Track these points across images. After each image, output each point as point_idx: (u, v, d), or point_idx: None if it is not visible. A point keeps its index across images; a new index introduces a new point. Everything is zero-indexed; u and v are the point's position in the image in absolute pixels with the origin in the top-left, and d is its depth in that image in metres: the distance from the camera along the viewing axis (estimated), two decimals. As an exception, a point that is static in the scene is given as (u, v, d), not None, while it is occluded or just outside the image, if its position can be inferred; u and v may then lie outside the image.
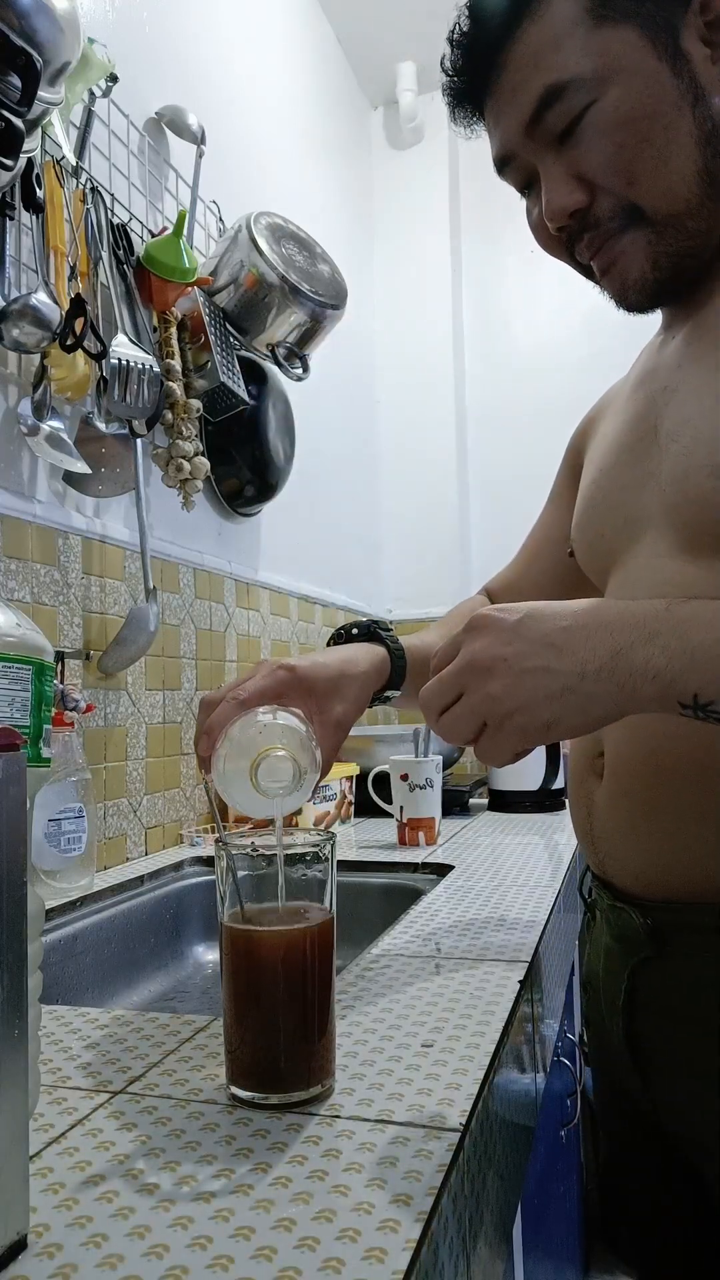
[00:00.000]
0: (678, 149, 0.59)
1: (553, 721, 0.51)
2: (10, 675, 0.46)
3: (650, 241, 0.62)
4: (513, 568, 1.03)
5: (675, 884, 0.60)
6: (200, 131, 1.46)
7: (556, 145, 0.62)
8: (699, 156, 0.60)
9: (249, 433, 1.61)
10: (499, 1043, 0.58)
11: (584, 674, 0.50)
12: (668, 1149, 0.67)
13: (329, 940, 0.52)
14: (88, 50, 1.10)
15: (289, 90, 2.11)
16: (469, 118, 0.68)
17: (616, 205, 0.61)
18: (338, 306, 1.53)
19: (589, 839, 0.69)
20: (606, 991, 0.69)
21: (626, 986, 0.65)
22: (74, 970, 0.96)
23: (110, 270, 1.19)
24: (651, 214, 0.61)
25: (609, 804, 0.65)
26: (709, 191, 0.60)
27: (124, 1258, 0.36)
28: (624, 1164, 0.74)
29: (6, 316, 0.98)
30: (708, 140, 0.60)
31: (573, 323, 2.56)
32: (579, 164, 0.61)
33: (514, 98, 0.62)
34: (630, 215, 0.61)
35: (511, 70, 0.62)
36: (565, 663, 0.51)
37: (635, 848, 0.63)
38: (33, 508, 1.10)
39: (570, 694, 0.50)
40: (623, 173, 0.60)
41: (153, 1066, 0.55)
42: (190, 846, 1.36)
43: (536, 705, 0.51)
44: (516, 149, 0.64)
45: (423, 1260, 0.37)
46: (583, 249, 0.65)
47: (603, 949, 0.71)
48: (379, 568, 2.58)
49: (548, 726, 0.51)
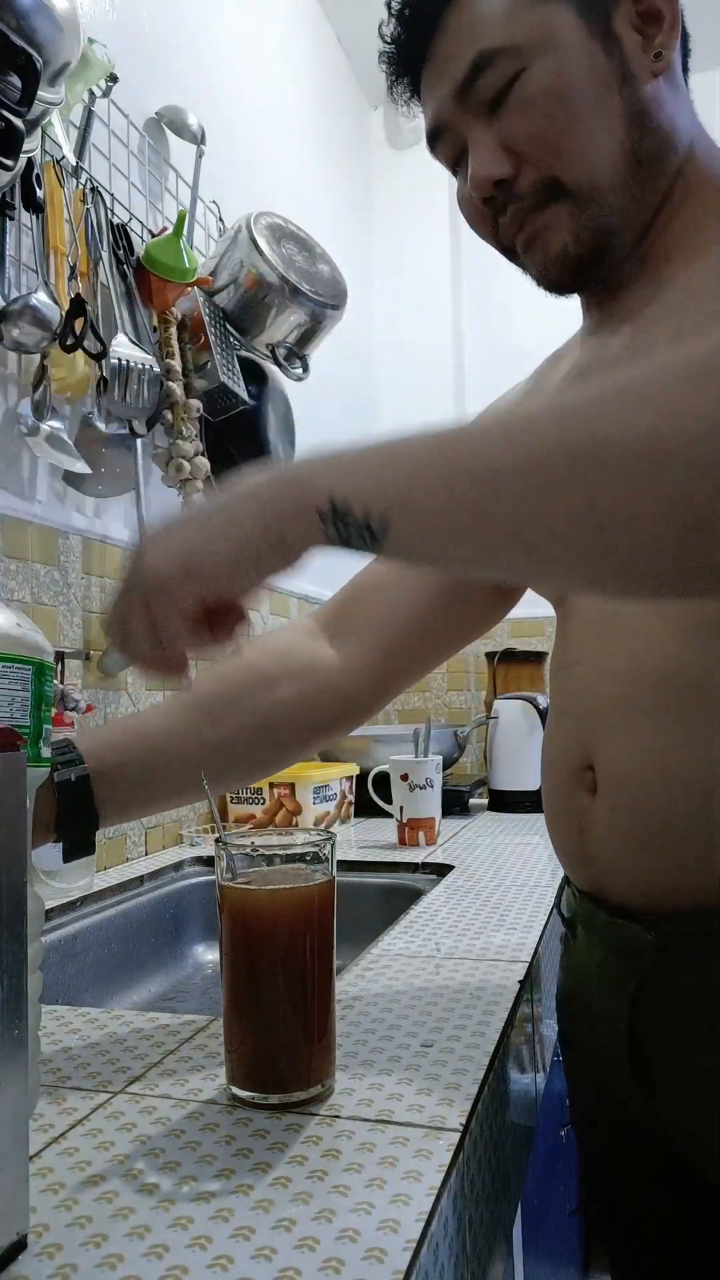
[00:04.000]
0: (604, 125, 0.60)
1: (193, 550, 0.48)
2: (10, 675, 0.46)
3: (571, 214, 0.62)
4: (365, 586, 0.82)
5: (684, 895, 0.59)
6: (200, 131, 1.46)
7: (486, 114, 0.62)
8: (625, 136, 0.61)
9: (249, 433, 1.61)
10: (499, 1043, 0.58)
11: (230, 502, 0.49)
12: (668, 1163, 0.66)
13: (329, 904, 0.52)
14: (88, 50, 1.10)
15: (289, 90, 2.10)
16: (405, 92, 0.68)
17: (539, 179, 0.62)
18: (338, 306, 1.53)
19: (580, 857, 0.67)
20: (601, 1008, 0.68)
21: (631, 1001, 0.64)
22: (74, 970, 0.96)
23: (110, 270, 1.19)
24: (574, 188, 0.61)
25: (609, 820, 0.63)
26: (633, 171, 0.61)
27: (124, 1258, 0.36)
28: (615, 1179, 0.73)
29: (6, 316, 0.98)
30: (634, 121, 0.61)
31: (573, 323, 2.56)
32: (506, 134, 0.62)
33: (447, 65, 0.63)
34: (552, 190, 0.62)
35: (447, 37, 0.63)
36: (214, 502, 0.50)
37: (642, 863, 0.61)
38: (33, 508, 1.10)
39: (211, 520, 0.49)
40: (549, 144, 0.61)
41: (153, 1066, 0.55)
42: (190, 846, 1.36)
43: (174, 542, 0.49)
44: (448, 119, 0.65)
45: (423, 1260, 0.37)
46: (506, 225, 0.65)
47: (594, 965, 0.69)
48: (379, 568, 2.58)
49: (187, 559, 0.48)
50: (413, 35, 0.65)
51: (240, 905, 0.51)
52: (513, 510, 0.41)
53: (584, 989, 0.71)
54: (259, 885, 0.52)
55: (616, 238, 0.63)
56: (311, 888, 0.52)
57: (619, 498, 0.38)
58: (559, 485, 0.40)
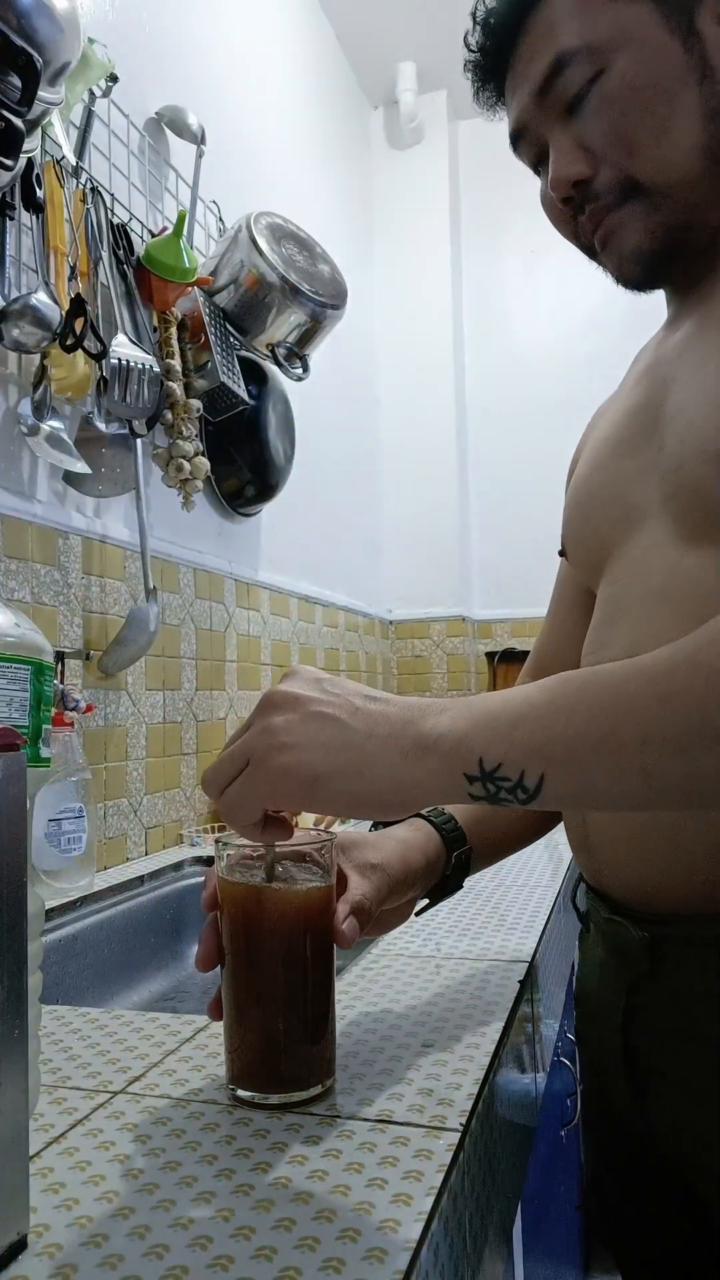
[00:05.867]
0: (680, 122, 0.60)
1: (322, 774, 0.46)
2: (9, 675, 0.46)
3: (647, 213, 0.62)
4: (545, 637, 0.86)
5: (675, 896, 0.59)
6: (200, 131, 1.46)
7: (565, 115, 0.63)
8: (702, 132, 0.61)
9: (249, 433, 1.61)
10: (499, 1043, 0.57)
11: (371, 735, 0.46)
12: (661, 1167, 0.66)
13: (329, 904, 0.52)
14: (88, 50, 1.10)
15: (289, 90, 2.10)
16: (491, 97, 0.69)
17: (615, 178, 0.62)
18: (338, 306, 1.53)
19: (584, 848, 0.67)
20: (601, 1007, 0.68)
21: (624, 1003, 0.64)
22: (74, 970, 0.96)
23: (110, 270, 1.19)
24: (649, 186, 0.61)
25: (609, 813, 0.64)
26: (710, 168, 0.61)
27: (124, 1258, 0.36)
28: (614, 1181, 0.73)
29: (6, 316, 0.98)
30: (712, 117, 0.60)
31: (573, 323, 2.56)
32: (584, 134, 0.63)
33: (527, 68, 0.64)
34: (628, 189, 0.62)
35: (528, 41, 0.64)
36: (358, 721, 0.47)
37: (634, 858, 0.62)
38: (33, 508, 1.10)
39: (350, 750, 0.46)
40: (623, 143, 0.61)
41: (153, 1066, 0.55)
42: (190, 846, 1.36)
43: (312, 748, 0.46)
44: (528, 120, 0.66)
45: (423, 1260, 0.37)
46: (584, 224, 0.66)
47: (597, 962, 0.69)
48: (379, 568, 2.58)
49: (314, 780, 0.46)
50: (497, 42, 0.66)
51: (241, 905, 0.51)
52: (685, 768, 0.42)
53: (589, 987, 0.71)
54: (259, 885, 0.51)
55: (693, 234, 0.63)
56: (312, 888, 0.52)
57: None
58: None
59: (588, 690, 0.44)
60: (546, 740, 0.43)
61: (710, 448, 0.57)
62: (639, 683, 0.43)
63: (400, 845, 0.64)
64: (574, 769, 0.43)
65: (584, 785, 0.44)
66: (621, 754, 0.42)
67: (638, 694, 0.43)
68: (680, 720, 0.41)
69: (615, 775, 0.43)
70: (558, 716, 0.44)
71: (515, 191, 0.73)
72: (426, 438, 2.62)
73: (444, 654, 2.57)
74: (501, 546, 2.64)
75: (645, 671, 0.43)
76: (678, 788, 0.42)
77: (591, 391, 0.90)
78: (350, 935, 0.53)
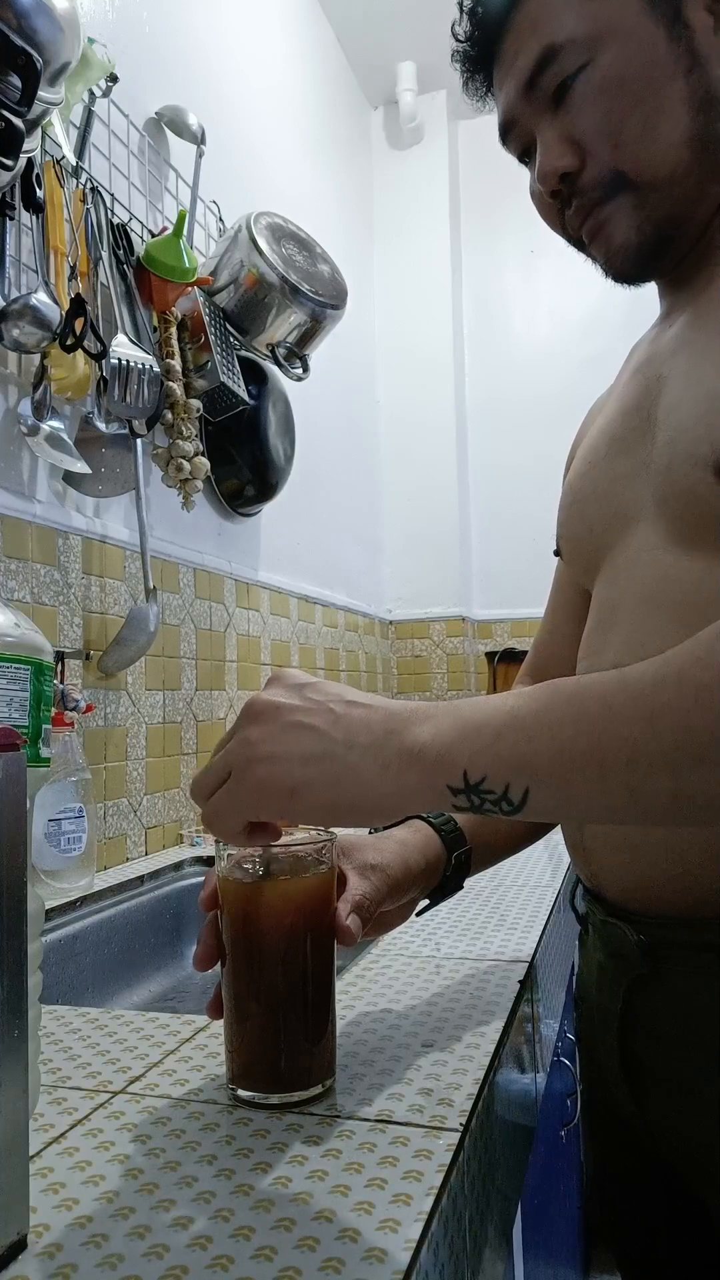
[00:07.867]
0: (667, 114, 0.60)
1: (300, 786, 0.45)
2: (9, 675, 0.46)
3: (635, 206, 0.62)
4: (544, 636, 0.86)
5: (671, 899, 0.59)
6: (200, 131, 1.46)
7: (552, 108, 0.63)
8: (690, 123, 0.60)
9: (249, 433, 1.61)
10: (499, 1043, 0.57)
11: (351, 744, 0.45)
12: (660, 1168, 0.66)
13: (329, 904, 0.52)
14: (88, 50, 1.10)
15: (289, 90, 2.10)
16: (480, 87, 0.69)
17: (602, 171, 0.62)
18: (338, 306, 1.53)
19: (580, 850, 0.67)
20: (600, 1009, 0.68)
21: (621, 1006, 0.64)
22: (74, 970, 0.96)
23: (110, 270, 1.19)
24: (636, 179, 0.61)
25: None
26: (699, 158, 0.61)
27: (124, 1258, 0.36)
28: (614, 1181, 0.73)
29: (6, 316, 0.98)
30: (700, 108, 0.60)
31: (573, 322, 2.56)
32: (571, 127, 0.62)
33: (515, 61, 0.64)
34: (615, 182, 0.62)
35: (515, 34, 0.63)
36: (339, 730, 0.46)
37: (631, 861, 0.61)
38: (33, 508, 1.10)
39: (329, 760, 0.45)
40: (610, 136, 0.61)
41: (153, 1066, 0.55)
42: (190, 846, 1.36)
43: (289, 759, 0.45)
44: (516, 113, 0.65)
45: (423, 1260, 0.37)
46: (572, 217, 0.65)
47: (595, 965, 0.69)
48: (379, 568, 2.58)
49: (292, 791, 0.45)
50: (484, 32, 0.66)
51: (241, 905, 0.51)
52: (671, 786, 0.41)
53: (588, 989, 0.71)
54: (259, 885, 0.52)
55: (681, 228, 0.63)
56: (312, 888, 0.52)
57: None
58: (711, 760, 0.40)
59: (574, 704, 0.43)
60: (531, 754, 0.42)
61: (699, 451, 0.57)
62: (625, 698, 0.42)
63: (400, 846, 0.63)
64: (558, 784, 0.42)
65: (569, 800, 0.43)
66: (606, 771, 0.41)
67: (623, 710, 0.42)
68: (666, 739, 0.40)
69: (600, 792, 0.42)
70: (542, 730, 0.43)
71: (515, 192, 0.73)
72: (426, 438, 2.62)
73: (444, 654, 2.57)
74: (501, 547, 2.64)
75: (631, 686, 0.42)
76: (664, 806, 0.41)
77: (591, 391, 0.90)
78: (355, 931, 0.53)
